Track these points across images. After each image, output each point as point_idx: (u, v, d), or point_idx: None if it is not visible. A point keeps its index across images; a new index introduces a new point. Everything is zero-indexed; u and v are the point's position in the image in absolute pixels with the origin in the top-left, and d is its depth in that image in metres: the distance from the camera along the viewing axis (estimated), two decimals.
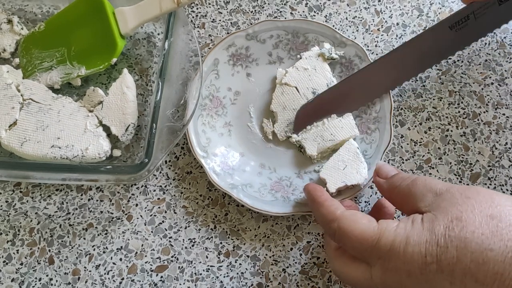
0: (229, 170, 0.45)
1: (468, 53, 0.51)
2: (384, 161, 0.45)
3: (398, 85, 0.47)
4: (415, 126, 0.48)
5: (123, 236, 0.45)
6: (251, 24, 0.52)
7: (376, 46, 0.51)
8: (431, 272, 0.28)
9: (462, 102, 0.49)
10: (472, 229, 0.28)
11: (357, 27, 0.52)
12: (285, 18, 0.52)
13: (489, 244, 0.27)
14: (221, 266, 0.44)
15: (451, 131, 0.48)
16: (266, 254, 0.44)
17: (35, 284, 0.43)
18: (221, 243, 0.45)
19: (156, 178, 0.46)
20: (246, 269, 0.44)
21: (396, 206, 0.38)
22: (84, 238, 0.44)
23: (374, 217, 0.34)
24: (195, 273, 0.44)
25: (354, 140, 0.45)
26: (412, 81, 0.50)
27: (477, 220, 0.29)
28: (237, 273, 0.44)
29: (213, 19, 0.52)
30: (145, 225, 0.45)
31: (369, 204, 0.46)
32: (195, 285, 0.43)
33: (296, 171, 0.46)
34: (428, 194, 0.32)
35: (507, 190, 0.46)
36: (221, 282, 0.43)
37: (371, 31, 0.52)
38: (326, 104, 0.46)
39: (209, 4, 0.53)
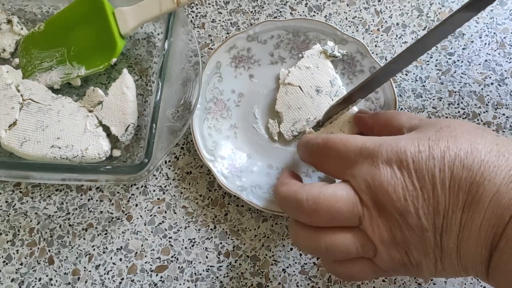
0: (237, 172, 0.45)
1: (468, 53, 0.51)
2: None
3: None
4: None
5: (123, 236, 0.45)
6: (251, 24, 0.52)
7: (376, 46, 0.51)
8: (422, 160, 0.29)
9: (462, 102, 0.49)
10: (461, 131, 0.30)
11: (357, 27, 0.52)
12: (285, 18, 0.52)
13: (477, 141, 0.29)
14: (221, 266, 0.44)
15: None
16: (266, 254, 0.44)
17: (35, 284, 0.43)
18: (221, 243, 0.45)
19: (156, 178, 0.46)
20: (246, 269, 0.44)
21: (377, 132, 0.38)
22: (84, 238, 0.44)
23: None
24: (195, 273, 0.44)
25: None
26: (412, 81, 0.50)
27: (464, 128, 0.30)
28: (237, 273, 0.44)
29: (213, 19, 0.52)
30: (145, 225, 0.45)
31: None
32: (195, 285, 0.43)
33: (304, 170, 0.46)
34: (413, 120, 0.34)
35: None
36: (221, 282, 0.43)
37: (371, 31, 0.52)
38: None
39: (209, 4, 0.53)
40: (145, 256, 0.44)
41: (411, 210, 0.28)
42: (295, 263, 0.44)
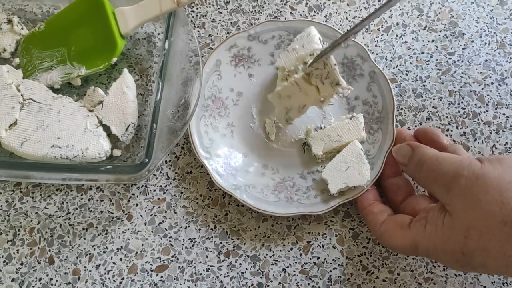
0: (232, 171, 0.45)
1: (468, 53, 0.51)
2: (384, 161, 0.45)
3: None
4: (415, 126, 0.48)
5: (123, 236, 0.45)
6: (251, 24, 0.52)
7: (376, 46, 0.51)
8: (465, 265, 0.34)
9: (462, 102, 0.49)
10: (489, 238, 0.32)
11: None
12: (285, 18, 0.52)
13: (507, 249, 0.31)
14: (221, 266, 0.44)
15: (451, 131, 0.48)
16: (266, 254, 0.44)
17: (35, 284, 0.43)
18: (221, 243, 0.45)
19: (156, 178, 0.46)
20: (246, 269, 0.44)
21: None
22: (84, 238, 0.44)
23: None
24: (195, 273, 0.44)
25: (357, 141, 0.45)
26: (412, 81, 0.50)
27: (491, 228, 0.32)
28: (237, 273, 0.44)
29: (213, 19, 0.52)
30: (145, 225, 0.45)
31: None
32: (195, 285, 0.43)
33: (299, 172, 0.46)
34: (438, 189, 0.35)
35: None
36: (221, 282, 0.43)
37: (371, 31, 0.52)
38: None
39: (209, 4, 0.53)
40: (146, 255, 0.44)
41: None
42: (295, 263, 0.44)
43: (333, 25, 0.51)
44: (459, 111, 0.49)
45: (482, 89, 0.49)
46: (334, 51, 0.41)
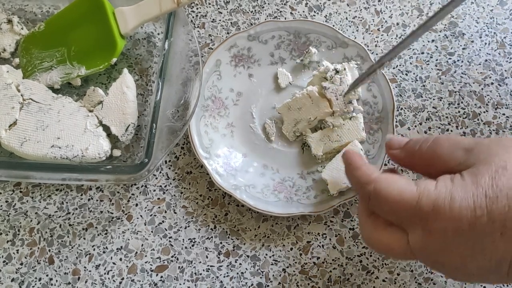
0: (232, 171, 0.45)
1: (468, 53, 0.51)
2: (385, 162, 0.45)
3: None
4: (415, 126, 0.48)
5: (123, 236, 0.45)
6: (251, 24, 0.52)
7: (376, 46, 0.51)
8: (481, 225, 0.27)
9: (462, 102, 0.49)
10: None
11: (357, 27, 0.52)
12: (285, 18, 0.52)
13: None
14: (221, 266, 0.44)
15: (451, 131, 0.48)
16: (266, 254, 0.44)
17: (35, 284, 0.43)
18: (221, 243, 0.45)
19: (156, 178, 0.46)
20: (246, 269, 0.44)
21: (420, 171, 0.35)
22: (84, 238, 0.44)
23: None
24: (195, 273, 0.44)
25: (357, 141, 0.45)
26: (412, 81, 0.50)
27: None
28: (237, 273, 0.44)
29: (213, 19, 0.52)
30: (145, 225, 0.45)
31: None
32: (195, 285, 0.43)
33: (299, 172, 0.46)
34: (457, 152, 0.31)
35: None
36: (221, 282, 0.43)
37: (371, 31, 0.52)
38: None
39: (209, 4, 0.53)
40: (145, 256, 0.44)
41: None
42: (295, 263, 0.44)
43: (333, 25, 0.51)
44: (459, 111, 0.49)
45: (482, 89, 0.49)
46: (370, 79, 0.43)
